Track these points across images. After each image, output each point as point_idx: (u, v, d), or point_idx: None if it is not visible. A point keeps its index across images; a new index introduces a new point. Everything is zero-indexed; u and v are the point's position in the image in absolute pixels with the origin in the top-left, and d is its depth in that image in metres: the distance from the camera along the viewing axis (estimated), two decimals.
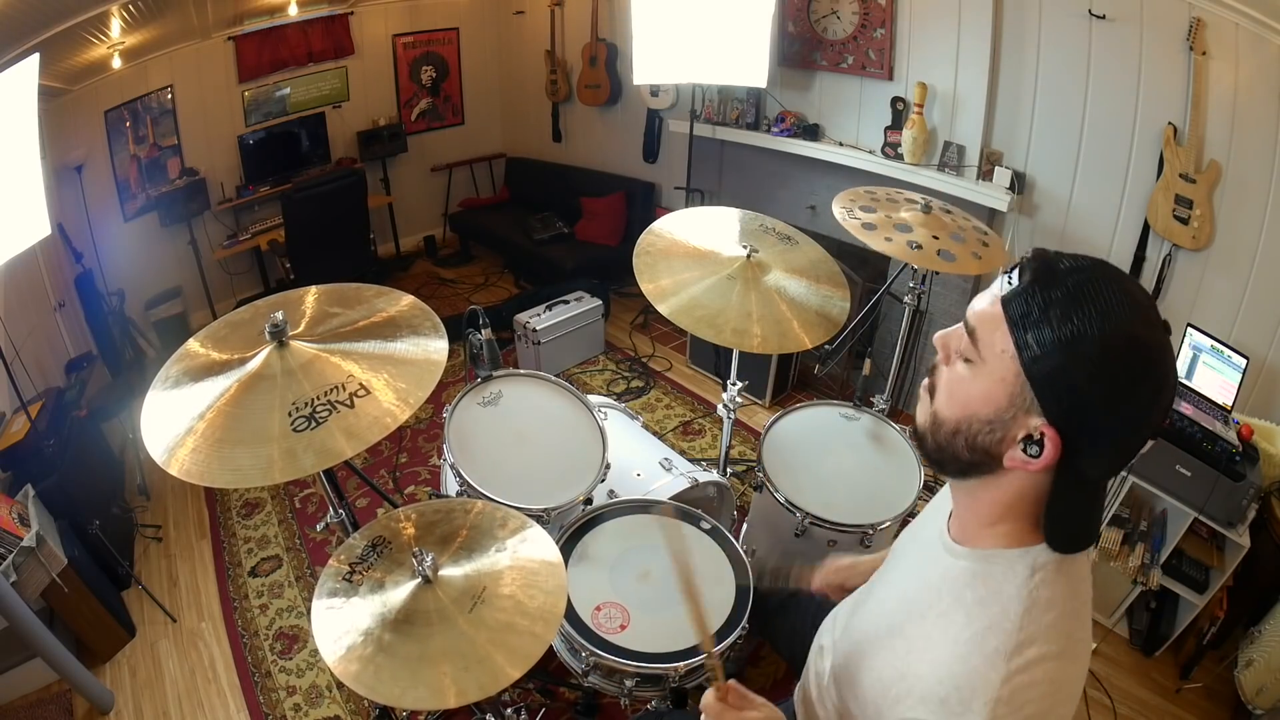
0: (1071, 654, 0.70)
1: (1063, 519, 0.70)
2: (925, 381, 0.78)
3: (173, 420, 1.17)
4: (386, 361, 1.28)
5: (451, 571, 1.23)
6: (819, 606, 1.35)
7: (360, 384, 1.22)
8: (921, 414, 0.78)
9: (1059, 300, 0.64)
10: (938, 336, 0.76)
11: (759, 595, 1.54)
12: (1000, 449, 0.69)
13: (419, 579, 1.19)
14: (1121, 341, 0.62)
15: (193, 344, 1.32)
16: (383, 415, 1.19)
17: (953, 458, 0.74)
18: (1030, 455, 0.67)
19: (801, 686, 1.10)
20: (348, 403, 1.19)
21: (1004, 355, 0.67)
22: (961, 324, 0.73)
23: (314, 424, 1.16)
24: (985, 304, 0.70)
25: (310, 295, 1.43)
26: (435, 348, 1.33)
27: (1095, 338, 0.62)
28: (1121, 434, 0.65)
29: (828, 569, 1.26)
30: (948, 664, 0.68)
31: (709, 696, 0.89)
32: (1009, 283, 0.69)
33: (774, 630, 1.52)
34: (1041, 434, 0.66)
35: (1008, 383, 0.67)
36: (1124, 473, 2.08)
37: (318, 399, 1.19)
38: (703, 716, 0.89)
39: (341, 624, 1.15)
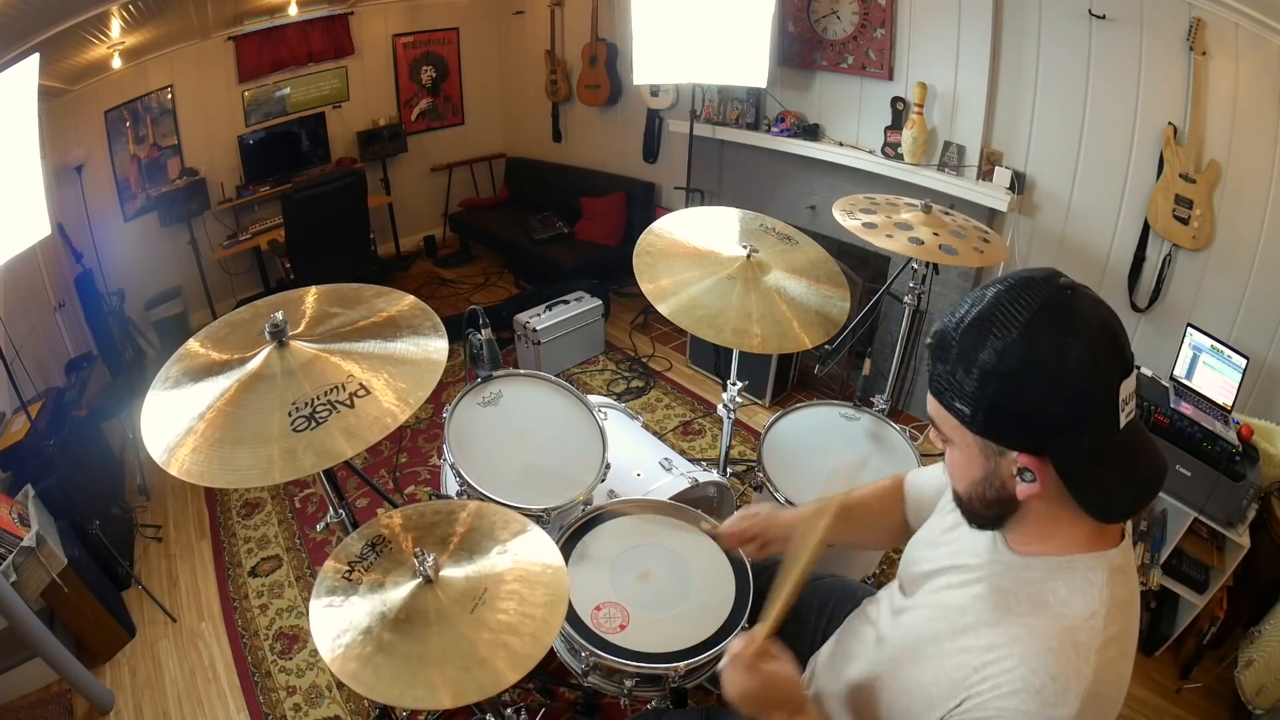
0: (1131, 651, 0.77)
1: (1096, 495, 0.73)
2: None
3: (173, 420, 1.17)
4: (386, 361, 1.28)
5: (453, 572, 1.23)
6: (818, 600, 1.36)
7: (360, 384, 1.22)
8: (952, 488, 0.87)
9: (954, 360, 0.72)
10: (934, 431, 0.84)
11: (758, 594, 1.54)
12: (1007, 492, 0.75)
13: (420, 579, 1.18)
14: (1019, 350, 0.68)
15: (193, 344, 1.32)
16: (382, 415, 1.19)
17: (983, 516, 0.81)
18: (1029, 482, 0.72)
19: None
20: (348, 402, 1.19)
21: (957, 428, 0.75)
22: None
23: (314, 424, 1.16)
24: (931, 396, 0.79)
25: (310, 295, 1.43)
26: (435, 347, 1.33)
27: (997, 367, 0.69)
28: (1084, 405, 0.69)
29: (737, 517, 1.29)
30: (1040, 656, 0.71)
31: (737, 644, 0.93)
32: (931, 370, 0.77)
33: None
34: (1024, 464, 0.72)
35: (973, 446, 0.75)
36: None
37: (318, 399, 1.19)
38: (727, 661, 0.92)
39: (340, 622, 1.15)
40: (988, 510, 0.79)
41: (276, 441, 1.13)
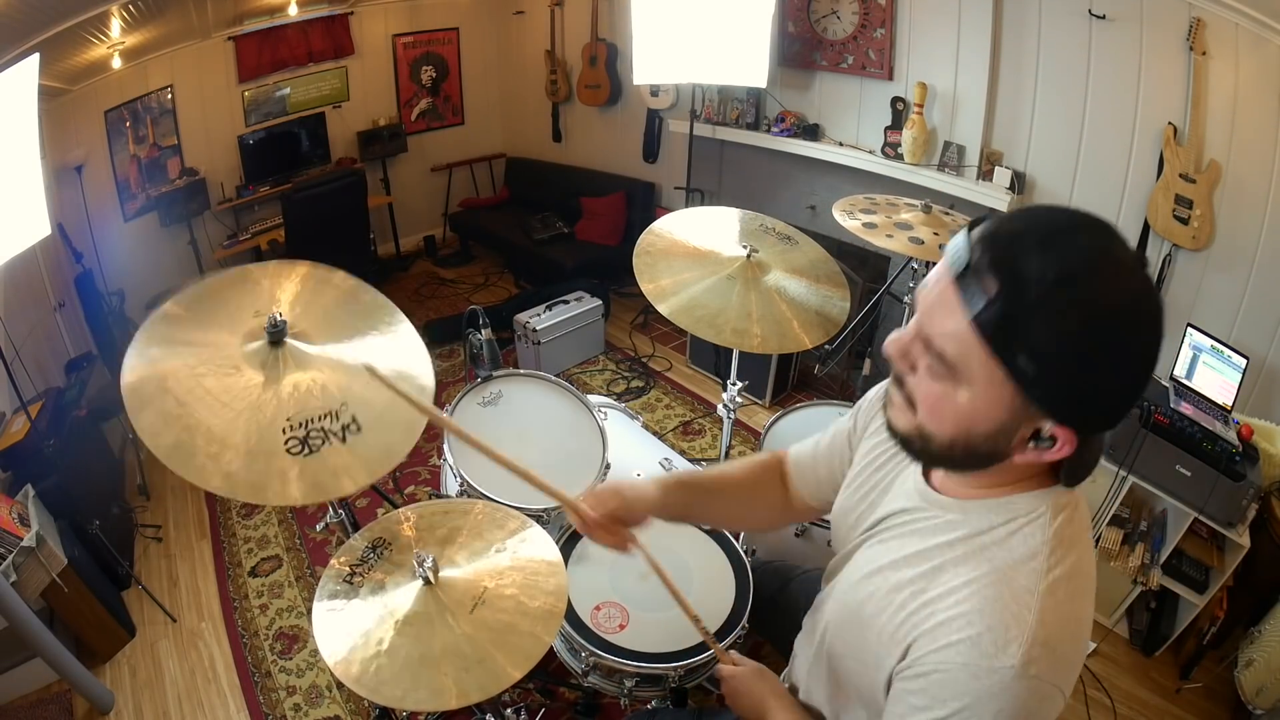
0: (1088, 590, 0.69)
1: (1077, 467, 0.69)
2: (894, 386, 0.73)
3: (155, 374, 1.12)
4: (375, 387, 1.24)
5: (452, 573, 1.23)
6: (804, 596, 1.35)
7: (353, 417, 1.17)
8: (903, 421, 0.72)
9: (1042, 304, 0.57)
10: (891, 344, 0.70)
11: (757, 593, 1.54)
12: (1007, 450, 0.66)
13: (420, 580, 1.19)
14: (1114, 317, 0.58)
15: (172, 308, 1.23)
16: (373, 460, 1.14)
17: (949, 461, 0.71)
18: (1044, 448, 0.64)
19: (786, 680, 1.08)
20: (339, 435, 1.15)
21: (994, 380, 0.61)
22: (914, 331, 0.67)
23: (308, 450, 1.12)
24: (948, 318, 0.62)
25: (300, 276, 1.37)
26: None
27: (1093, 334, 0.57)
28: (1135, 392, 0.62)
29: (587, 495, 1.06)
30: (975, 605, 0.66)
31: (724, 669, 1.05)
32: (968, 293, 0.61)
33: (772, 626, 1.52)
34: (1051, 434, 0.63)
35: (1004, 401, 0.62)
36: (1124, 472, 2.08)
37: (313, 422, 1.14)
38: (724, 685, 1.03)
39: (343, 626, 1.15)
40: (969, 460, 0.68)
41: (274, 457, 1.09)
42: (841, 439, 1.03)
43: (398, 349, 1.35)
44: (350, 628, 1.14)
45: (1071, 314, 0.57)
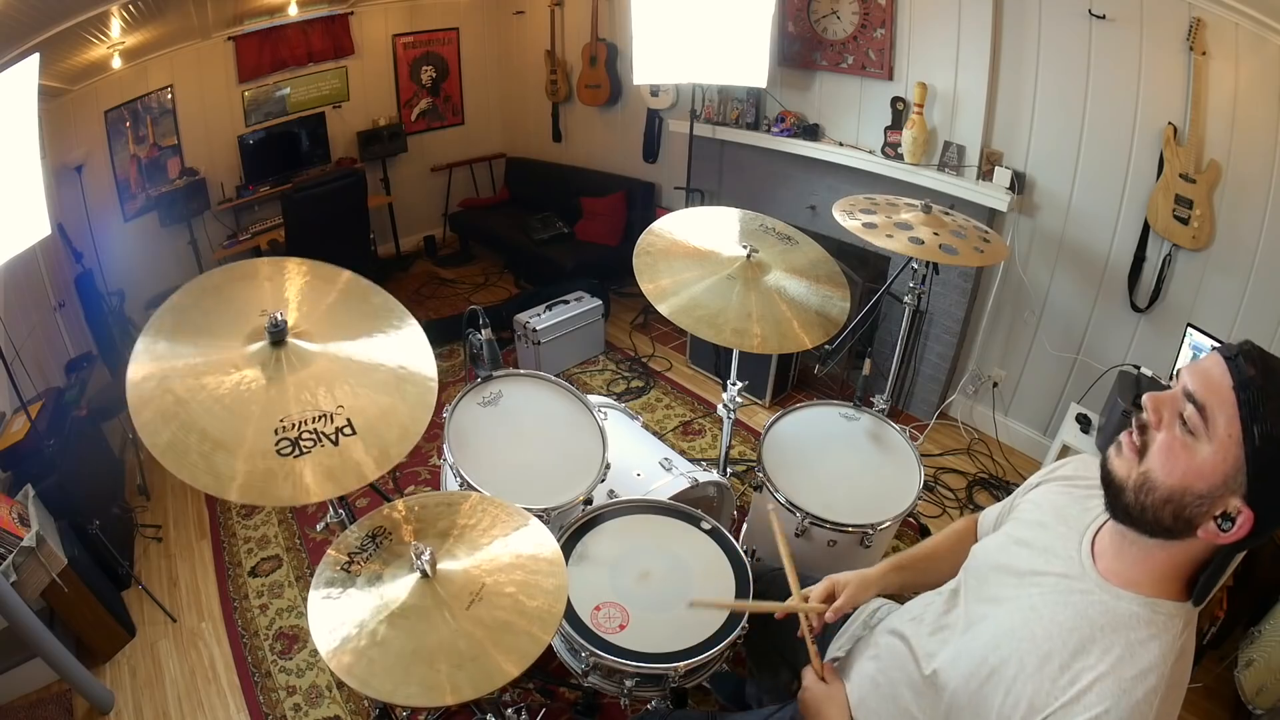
0: (1184, 692, 0.81)
1: (1210, 583, 0.79)
2: (1129, 436, 0.82)
3: (156, 370, 1.14)
4: (377, 386, 1.27)
5: (450, 566, 1.22)
6: None
7: (347, 420, 1.20)
8: (1123, 469, 0.81)
9: (1277, 396, 0.70)
10: (1152, 398, 0.80)
11: (758, 594, 1.54)
12: (1201, 521, 0.75)
13: (417, 573, 1.18)
14: None
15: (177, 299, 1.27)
16: (361, 463, 1.18)
17: (1154, 520, 0.78)
18: (1223, 530, 0.73)
19: (857, 692, 1.13)
20: (333, 438, 1.17)
21: (1230, 439, 0.72)
22: (1179, 390, 0.77)
23: (298, 451, 1.14)
24: (1216, 382, 0.74)
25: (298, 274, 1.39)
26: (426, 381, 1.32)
27: None
28: None
29: (845, 598, 1.21)
30: (1114, 694, 0.75)
31: (810, 676, 1.17)
32: (1236, 368, 0.73)
33: (773, 631, 1.52)
34: (1239, 512, 0.72)
35: (1227, 464, 0.72)
36: None
37: (305, 424, 1.17)
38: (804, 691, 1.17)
39: (337, 615, 1.14)
40: (1169, 520, 0.77)
41: (261, 459, 1.12)
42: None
43: (403, 347, 1.36)
44: (345, 617, 1.14)
45: None
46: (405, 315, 1.42)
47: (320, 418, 1.19)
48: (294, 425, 1.17)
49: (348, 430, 1.20)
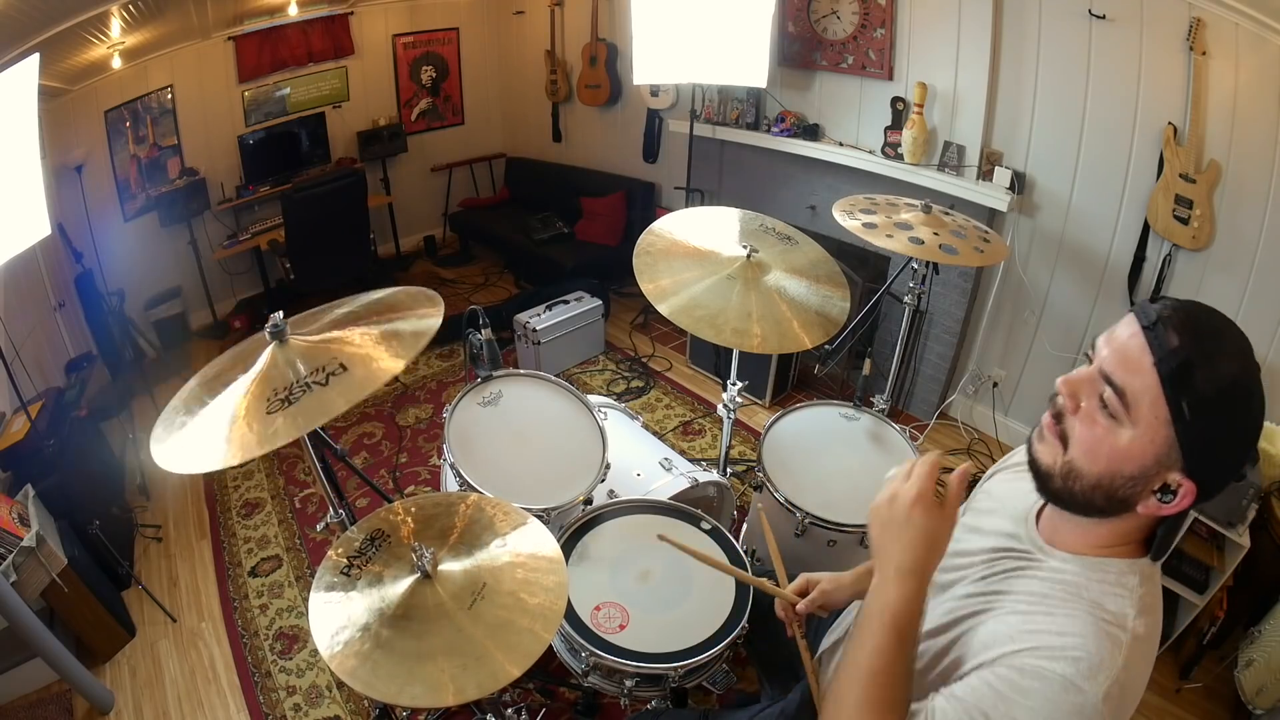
0: (1154, 650, 0.76)
1: (1166, 540, 0.77)
2: (1049, 423, 0.78)
3: (205, 441, 1.18)
4: (377, 337, 1.29)
5: (451, 566, 1.22)
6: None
7: (340, 363, 1.23)
8: (1049, 456, 0.78)
9: (1215, 362, 0.68)
10: (1066, 382, 0.76)
11: (758, 594, 1.54)
12: (1136, 499, 0.73)
13: (418, 574, 1.18)
14: (1255, 394, 0.69)
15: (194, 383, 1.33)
16: (352, 386, 1.19)
17: (1086, 504, 0.76)
18: (1164, 502, 0.71)
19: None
20: (323, 381, 1.20)
21: (1157, 420, 0.69)
22: (1095, 371, 0.74)
23: (288, 403, 1.18)
24: (1135, 361, 0.70)
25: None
26: (428, 320, 1.34)
27: (1240, 400, 0.68)
28: (1241, 455, 0.71)
29: (816, 593, 1.20)
30: (1077, 637, 0.71)
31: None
32: (1156, 340, 0.69)
33: (773, 631, 1.52)
34: (1179, 485, 0.70)
35: (1156, 445, 0.70)
36: None
37: (295, 384, 1.20)
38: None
39: (339, 618, 1.14)
40: (1103, 503, 0.74)
41: (243, 421, 1.16)
42: None
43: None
44: (346, 620, 1.14)
45: (1235, 379, 0.68)
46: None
47: (314, 371, 1.22)
48: (285, 387, 1.20)
49: (339, 370, 1.22)
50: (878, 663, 0.76)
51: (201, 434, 1.16)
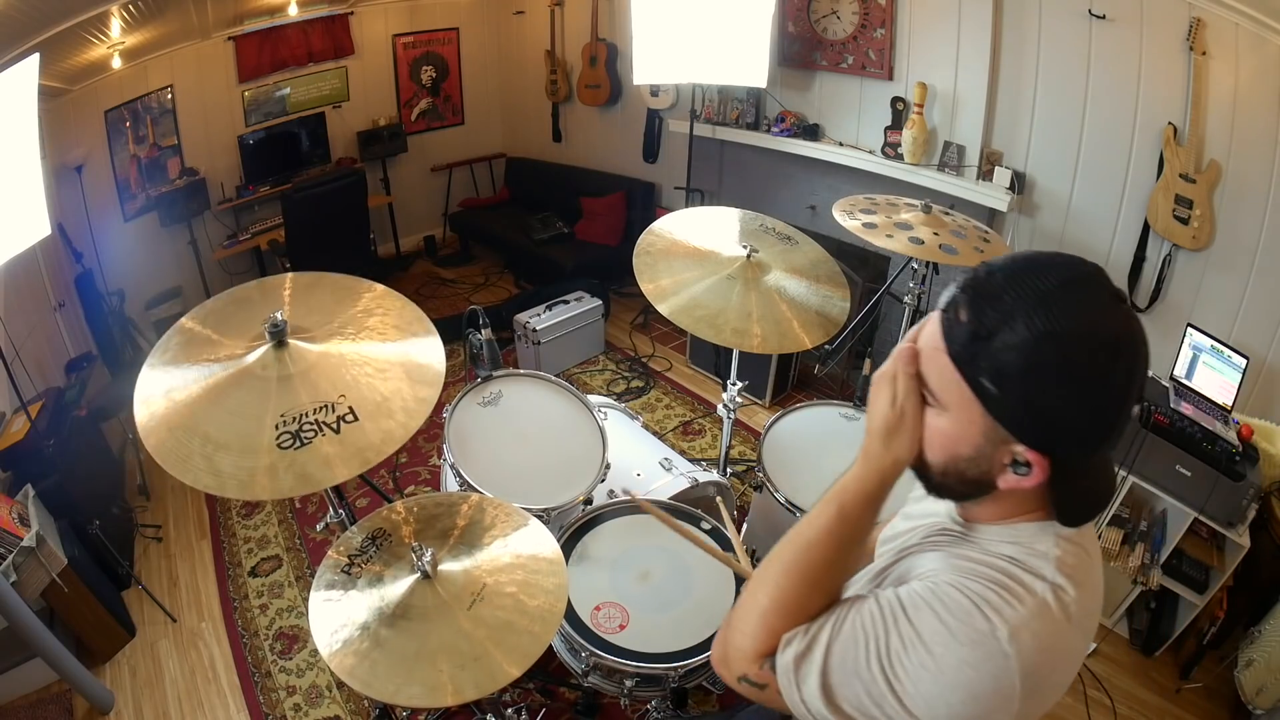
0: (1082, 626, 0.71)
1: (1069, 502, 0.72)
2: None
3: (163, 394, 1.15)
4: (382, 376, 1.25)
5: (451, 567, 1.22)
6: None
7: (350, 408, 1.19)
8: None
9: (996, 327, 0.63)
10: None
11: None
12: (991, 476, 0.70)
13: (418, 574, 1.18)
14: (1077, 343, 0.61)
15: (188, 322, 1.30)
16: (365, 449, 1.15)
17: (952, 489, 0.75)
18: (1021, 475, 0.68)
19: None
20: (334, 426, 1.16)
21: (964, 399, 0.67)
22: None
23: (299, 443, 1.13)
24: (930, 345, 0.69)
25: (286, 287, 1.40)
26: (433, 360, 1.31)
27: (1047, 356, 0.61)
28: (1105, 420, 0.65)
29: None
30: (1000, 578, 0.70)
31: None
32: (947, 322, 0.67)
33: None
34: (1024, 456, 0.66)
35: (977, 424, 0.67)
36: (1124, 472, 2.08)
37: (306, 416, 1.16)
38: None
39: (338, 617, 1.15)
40: (962, 487, 0.73)
41: (263, 454, 1.11)
42: None
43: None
44: (346, 619, 1.14)
45: (1028, 337, 0.61)
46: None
47: (322, 408, 1.19)
48: (295, 419, 1.17)
49: (350, 418, 1.19)
50: (810, 534, 0.78)
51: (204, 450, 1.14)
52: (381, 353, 1.30)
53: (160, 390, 1.15)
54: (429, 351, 1.33)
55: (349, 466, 1.13)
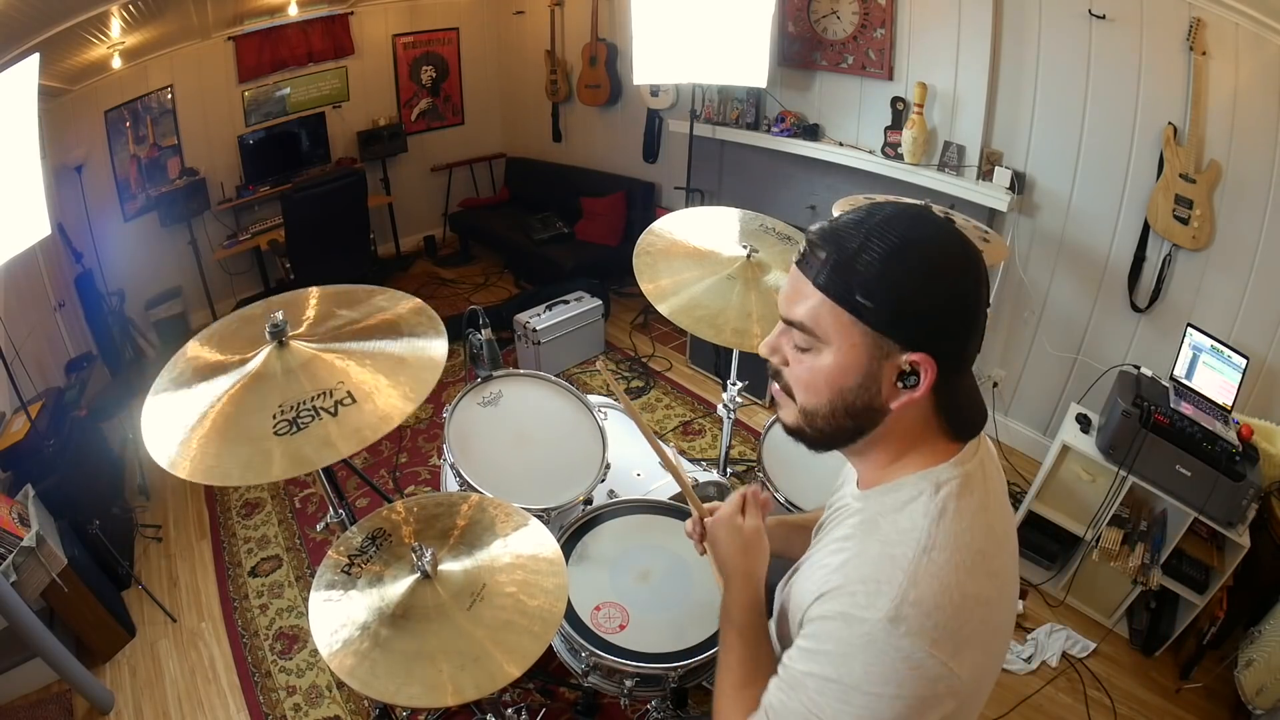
0: (985, 569, 0.71)
1: (957, 408, 0.76)
2: (774, 388, 0.83)
3: (174, 423, 1.16)
4: (382, 364, 1.26)
5: (451, 566, 1.22)
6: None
7: (348, 392, 1.19)
8: (790, 415, 0.81)
9: (857, 249, 0.69)
10: (765, 347, 0.81)
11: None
12: (880, 399, 0.73)
13: (418, 574, 1.18)
14: (930, 244, 0.69)
15: (194, 345, 1.31)
16: (363, 427, 1.15)
17: (839, 431, 0.78)
18: (910, 387, 0.71)
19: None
20: (332, 410, 1.17)
21: (844, 325, 0.71)
22: (779, 328, 0.78)
23: (295, 429, 1.14)
24: (799, 296, 0.74)
25: (313, 297, 1.42)
26: (435, 352, 1.31)
27: (910, 259, 0.68)
28: (969, 310, 0.71)
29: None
30: (856, 565, 0.73)
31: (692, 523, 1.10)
32: (806, 262, 0.73)
33: None
34: (913, 364, 0.70)
35: (860, 345, 0.71)
36: (1124, 473, 2.08)
37: (303, 403, 1.16)
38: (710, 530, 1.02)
39: (338, 617, 1.14)
40: (852, 420, 0.75)
41: (256, 442, 1.11)
42: None
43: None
44: (346, 619, 1.14)
45: (886, 249, 0.68)
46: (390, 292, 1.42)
47: (320, 394, 1.19)
48: (293, 406, 1.17)
49: (347, 401, 1.19)
50: (729, 658, 0.88)
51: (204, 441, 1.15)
52: (382, 346, 1.31)
53: (176, 430, 1.16)
54: (431, 341, 1.34)
55: (348, 444, 1.13)
